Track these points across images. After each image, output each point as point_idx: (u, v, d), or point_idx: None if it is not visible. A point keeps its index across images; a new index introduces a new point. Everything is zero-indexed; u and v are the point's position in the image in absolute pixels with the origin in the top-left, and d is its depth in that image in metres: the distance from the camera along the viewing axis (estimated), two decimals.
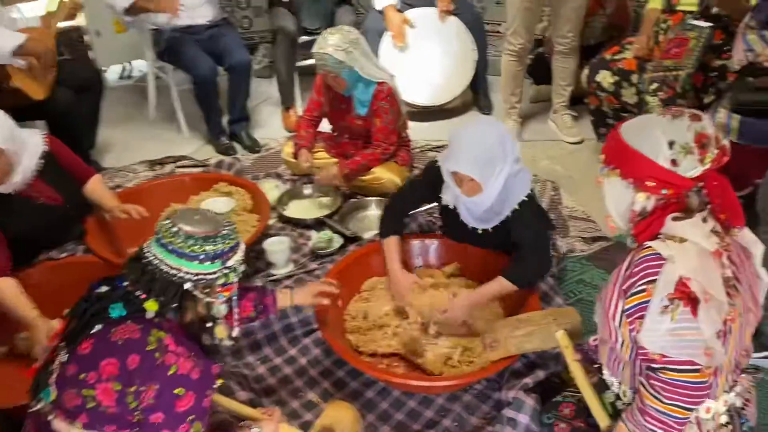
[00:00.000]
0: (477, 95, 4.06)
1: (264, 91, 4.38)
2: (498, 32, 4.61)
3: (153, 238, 1.42)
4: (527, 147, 3.62)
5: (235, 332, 1.57)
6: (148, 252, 1.41)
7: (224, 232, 1.42)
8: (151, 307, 1.38)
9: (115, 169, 3.46)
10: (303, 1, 3.79)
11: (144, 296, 1.38)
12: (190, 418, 1.36)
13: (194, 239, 1.38)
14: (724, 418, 1.42)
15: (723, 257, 1.30)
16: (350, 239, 2.74)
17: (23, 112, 2.71)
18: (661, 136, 1.31)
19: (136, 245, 2.55)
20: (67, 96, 3.01)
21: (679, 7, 2.92)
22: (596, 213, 2.95)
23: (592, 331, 2.26)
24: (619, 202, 1.41)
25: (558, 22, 3.39)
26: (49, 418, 1.35)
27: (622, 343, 1.39)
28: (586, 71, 3.13)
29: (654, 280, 1.29)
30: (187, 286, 1.40)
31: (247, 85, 3.62)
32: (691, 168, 1.31)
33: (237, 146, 3.69)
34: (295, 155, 3.12)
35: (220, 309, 1.47)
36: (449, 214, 2.27)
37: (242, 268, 1.49)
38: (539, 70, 4.04)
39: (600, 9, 3.75)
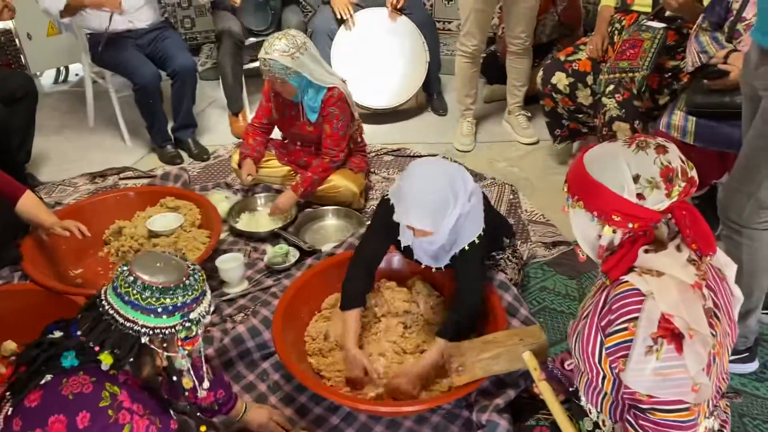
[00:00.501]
0: (431, 96, 4.01)
1: (209, 95, 4.22)
2: (449, 30, 4.57)
3: (109, 285, 1.34)
4: (484, 149, 3.59)
5: (205, 385, 1.50)
6: (104, 301, 1.31)
7: (187, 282, 1.32)
8: (105, 359, 1.29)
9: (53, 183, 3.27)
10: (248, 2, 3.64)
11: (98, 348, 1.29)
12: None
13: (151, 290, 1.29)
14: None
15: (703, 288, 1.26)
16: (307, 252, 2.64)
17: None
18: (626, 170, 1.28)
19: (78, 268, 2.52)
20: None
21: (633, 7, 2.91)
22: (555, 216, 2.92)
23: (556, 341, 2.25)
24: (586, 233, 1.37)
25: (510, 22, 3.35)
26: None
27: (604, 377, 1.34)
28: (540, 73, 3.09)
29: (635, 318, 1.25)
30: (143, 339, 1.30)
31: (192, 89, 3.46)
32: (657, 202, 1.27)
33: (183, 154, 3.53)
34: (240, 165, 2.98)
35: (182, 363, 1.37)
36: (405, 252, 2.22)
37: (207, 319, 1.38)
38: (492, 70, 4.01)
39: (551, 6, 3.74)
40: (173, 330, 1.31)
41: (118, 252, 2.60)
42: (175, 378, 1.40)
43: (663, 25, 2.70)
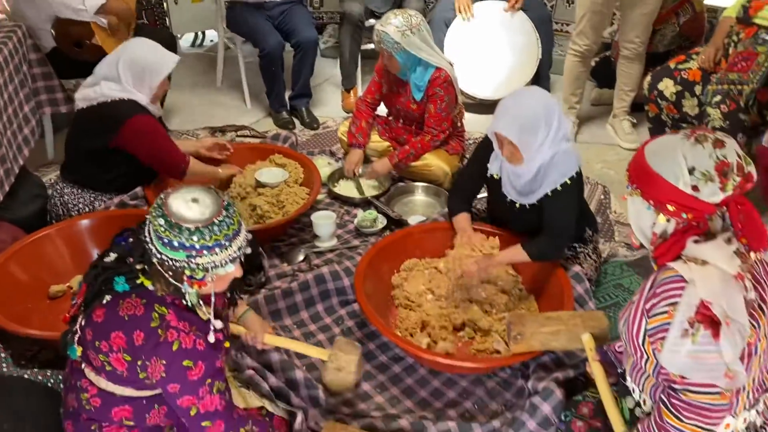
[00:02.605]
0: None
1: (327, 72, 4.48)
2: (566, 32, 4.58)
3: None
4: (582, 149, 3.61)
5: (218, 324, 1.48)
6: (147, 217, 1.40)
7: (202, 228, 1.32)
8: (146, 283, 1.41)
9: (179, 131, 3.63)
10: None
11: (132, 260, 1.42)
12: (208, 381, 1.41)
13: (164, 219, 1.32)
14: None
15: (745, 280, 1.29)
16: (394, 221, 2.81)
17: None
18: (682, 161, 1.30)
19: None
20: None
21: (755, 20, 2.85)
22: None
23: (619, 336, 2.29)
24: (641, 220, 1.41)
25: (626, 27, 3.36)
26: (82, 366, 1.48)
27: (647, 359, 1.40)
28: (648, 78, 3.10)
29: (676, 303, 1.29)
30: (153, 260, 1.37)
31: (312, 62, 3.73)
32: (712, 194, 1.30)
33: (296, 121, 3.80)
34: (346, 151, 3.17)
35: (192, 296, 1.42)
36: (493, 186, 2.31)
37: (222, 271, 1.37)
38: (604, 73, 4.01)
39: (673, 17, 3.68)
40: (176, 263, 1.34)
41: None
42: (187, 303, 1.44)
43: None
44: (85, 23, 2.99)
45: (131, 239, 1.48)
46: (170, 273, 1.37)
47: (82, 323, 1.45)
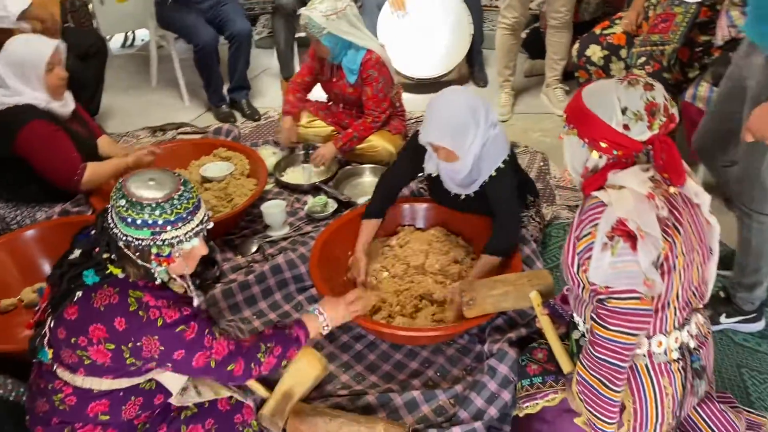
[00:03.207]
0: (472, 69, 4.15)
1: (264, 63, 4.47)
2: (495, 7, 4.66)
3: None
4: (520, 119, 3.72)
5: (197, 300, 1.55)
6: (109, 206, 1.44)
7: (163, 204, 1.37)
8: (115, 271, 1.42)
9: (118, 134, 3.57)
10: None
11: (98, 250, 1.43)
12: (206, 331, 1.46)
13: (125, 200, 1.36)
14: (675, 354, 1.54)
15: (656, 199, 1.42)
16: (345, 204, 2.85)
17: None
18: (616, 102, 1.42)
19: None
20: (72, 62, 3.09)
21: None
22: None
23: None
24: (575, 158, 1.53)
25: None
26: (53, 368, 1.48)
27: (583, 287, 1.51)
28: (576, 45, 3.21)
29: (597, 224, 1.42)
30: (120, 243, 1.40)
31: (247, 53, 3.72)
32: (641, 132, 1.42)
33: (237, 114, 3.79)
34: (283, 116, 3.18)
35: (160, 274, 1.45)
36: (434, 182, 2.39)
37: (187, 245, 1.42)
38: (534, 45, 4.12)
39: None
40: (142, 243, 1.38)
41: None
42: (158, 282, 1.47)
43: (696, 0, 2.78)
44: (7, 30, 2.90)
45: (93, 231, 1.48)
46: (137, 254, 1.40)
47: (52, 325, 1.45)
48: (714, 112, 2.17)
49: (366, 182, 3.08)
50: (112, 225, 1.39)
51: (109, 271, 1.43)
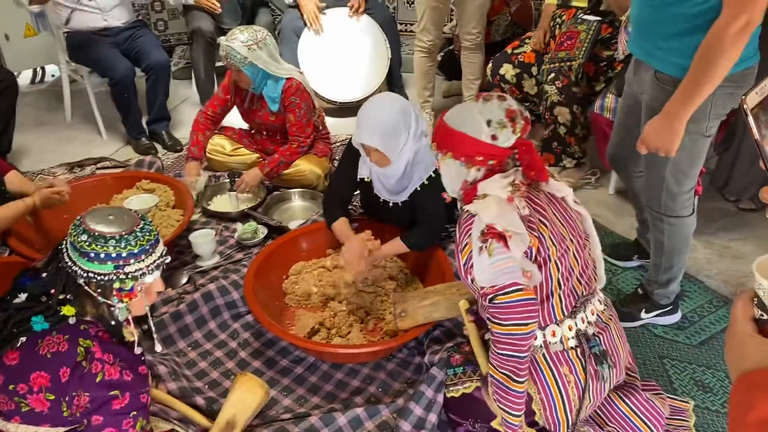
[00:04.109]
0: (393, 91, 4.23)
1: (182, 93, 4.42)
2: (411, 32, 4.82)
3: None
4: None
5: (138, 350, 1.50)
6: (62, 246, 1.42)
7: (126, 236, 1.38)
8: (68, 311, 1.39)
9: (33, 172, 3.43)
10: (222, 4, 3.86)
11: (53, 292, 1.39)
12: (133, 413, 1.40)
13: (87, 235, 1.36)
14: (572, 342, 1.64)
15: (515, 201, 1.54)
16: (275, 229, 2.84)
17: None
18: (480, 117, 1.56)
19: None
20: None
21: (572, 3, 3.19)
22: None
23: None
24: (455, 178, 1.65)
25: (463, 20, 3.61)
26: None
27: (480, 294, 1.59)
28: (490, 65, 3.36)
29: (471, 233, 1.54)
30: (80, 281, 1.38)
31: (166, 84, 3.66)
32: (507, 139, 1.56)
33: (157, 146, 3.72)
34: (187, 159, 3.13)
35: (120, 311, 1.43)
36: (365, 189, 2.44)
37: (148, 279, 1.43)
38: (450, 67, 4.27)
39: (505, 8, 4.00)
40: (105, 278, 1.37)
41: None
42: (114, 323, 1.45)
43: (597, 18, 2.98)
44: None
45: (44, 274, 1.43)
46: (99, 291, 1.40)
47: None
48: (619, 126, 2.31)
49: (295, 206, 3.09)
50: (70, 263, 1.37)
51: (61, 314, 1.38)
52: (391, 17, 4.26)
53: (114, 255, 1.36)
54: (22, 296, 1.43)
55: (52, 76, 4.74)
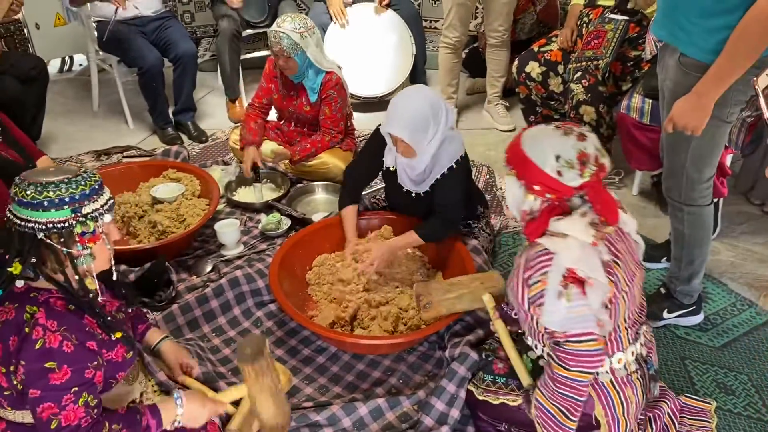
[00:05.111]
0: None
1: (208, 84, 4.46)
2: (435, 28, 4.82)
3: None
4: (464, 135, 3.71)
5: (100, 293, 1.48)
6: (7, 212, 1.37)
7: (74, 178, 1.36)
8: (15, 269, 1.34)
9: (61, 159, 3.49)
10: None
11: (7, 258, 1.34)
12: (74, 389, 1.33)
13: (35, 186, 1.32)
14: (633, 366, 1.67)
15: (599, 245, 1.52)
16: (299, 221, 2.86)
17: None
18: (550, 149, 1.51)
19: None
20: (13, 85, 3.03)
21: (599, 2, 3.17)
22: None
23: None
24: (514, 198, 1.62)
25: (490, 17, 3.61)
26: None
27: (537, 321, 1.60)
28: (516, 62, 3.36)
29: (546, 272, 1.51)
30: (40, 235, 1.34)
31: (193, 75, 3.71)
32: (572, 179, 1.51)
33: (183, 136, 3.76)
34: (242, 148, 3.18)
35: (85, 260, 1.39)
36: (389, 178, 2.46)
37: (107, 218, 1.41)
38: (474, 64, 4.28)
39: (530, 6, 4.00)
40: (66, 224, 1.34)
41: (123, 218, 2.77)
42: (77, 277, 1.40)
43: (625, 17, 2.96)
44: None
45: None
46: (61, 240, 1.35)
47: None
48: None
49: (318, 199, 3.12)
50: (23, 223, 1.33)
51: (8, 272, 1.34)
52: (416, 13, 4.27)
53: (67, 198, 1.33)
54: None
55: (80, 65, 4.81)
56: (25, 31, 4.32)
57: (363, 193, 2.70)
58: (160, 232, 2.67)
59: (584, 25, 3.19)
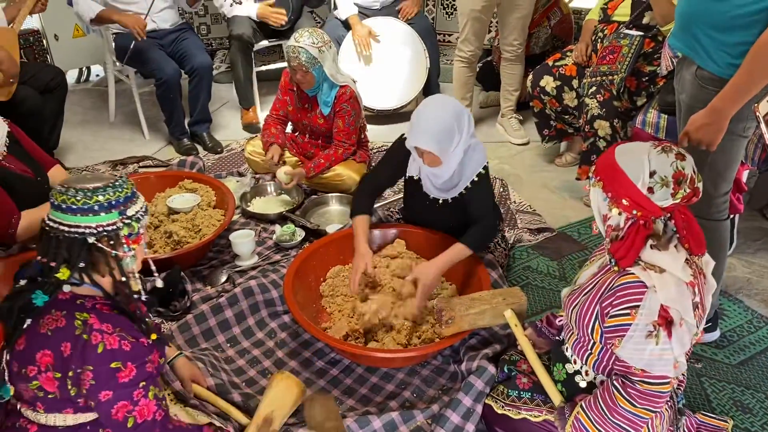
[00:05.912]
0: None
1: (223, 96, 4.50)
2: (449, 42, 4.86)
3: (50, 207, 1.42)
4: None
5: (159, 283, 1.64)
6: (48, 221, 1.40)
7: (116, 183, 1.42)
8: (63, 274, 1.37)
9: (77, 169, 3.52)
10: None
11: (54, 265, 1.37)
12: (142, 383, 1.39)
13: (83, 192, 1.37)
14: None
15: (695, 287, 1.48)
16: (313, 232, 2.88)
17: None
18: (646, 164, 1.45)
19: None
20: (32, 96, 3.07)
21: (614, 18, 3.18)
22: (540, 207, 3.18)
23: (535, 313, 2.48)
24: (598, 209, 1.57)
25: (505, 31, 3.63)
26: (18, 407, 1.45)
27: (593, 344, 1.58)
28: (530, 76, 3.37)
29: (637, 306, 1.45)
30: (90, 240, 1.38)
31: (208, 86, 3.74)
32: (663, 199, 1.45)
33: (198, 147, 3.79)
34: (266, 150, 3.21)
35: (129, 263, 1.45)
36: (413, 186, 2.46)
37: (145, 219, 1.47)
38: (488, 78, 4.29)
39: (545, 21, 4.01)
40: (115, 227, 1.39)
41: None
42: (124, 279, 1.44)
43: (640, 33, 2.97)
44: None
45: (37, 264, 1.43)
46: (111, 243, 1.40)
47: (7, 358, 1.41)
48: None
49: (332, 210, 3.13)
50: (72, 230, 1.36)
51: (56, 278, 1.37)
52: (431, 26, 4.29)
53: (114, 201, 1.39)
54: (23, 282, 1.45)
55: (97, 75, 4.87)
56: (44, 42, 4.39)
57: (375, 205, 2.70)
58: (176, 242, 2.69)
59: (599, 40, 3.20)
